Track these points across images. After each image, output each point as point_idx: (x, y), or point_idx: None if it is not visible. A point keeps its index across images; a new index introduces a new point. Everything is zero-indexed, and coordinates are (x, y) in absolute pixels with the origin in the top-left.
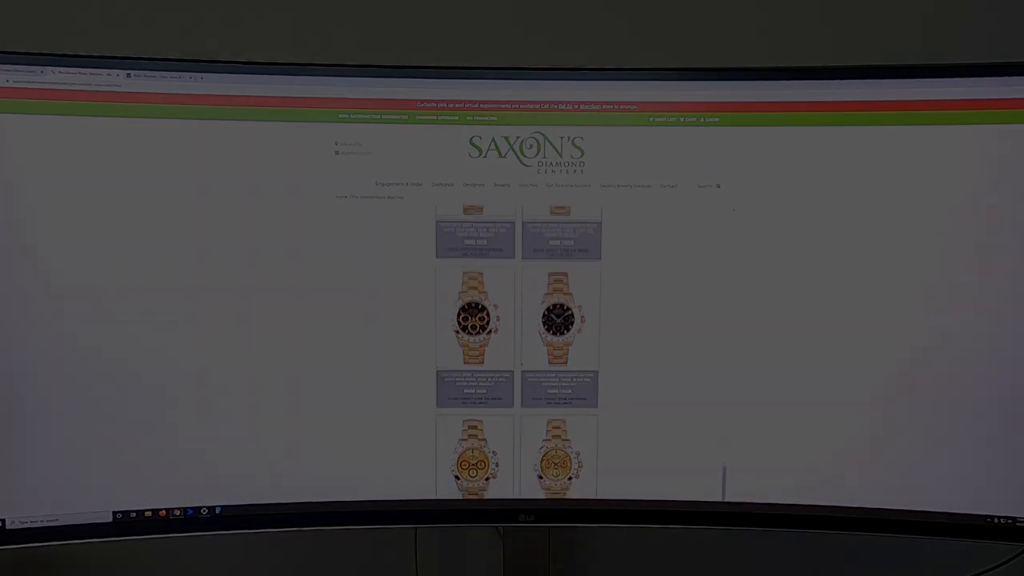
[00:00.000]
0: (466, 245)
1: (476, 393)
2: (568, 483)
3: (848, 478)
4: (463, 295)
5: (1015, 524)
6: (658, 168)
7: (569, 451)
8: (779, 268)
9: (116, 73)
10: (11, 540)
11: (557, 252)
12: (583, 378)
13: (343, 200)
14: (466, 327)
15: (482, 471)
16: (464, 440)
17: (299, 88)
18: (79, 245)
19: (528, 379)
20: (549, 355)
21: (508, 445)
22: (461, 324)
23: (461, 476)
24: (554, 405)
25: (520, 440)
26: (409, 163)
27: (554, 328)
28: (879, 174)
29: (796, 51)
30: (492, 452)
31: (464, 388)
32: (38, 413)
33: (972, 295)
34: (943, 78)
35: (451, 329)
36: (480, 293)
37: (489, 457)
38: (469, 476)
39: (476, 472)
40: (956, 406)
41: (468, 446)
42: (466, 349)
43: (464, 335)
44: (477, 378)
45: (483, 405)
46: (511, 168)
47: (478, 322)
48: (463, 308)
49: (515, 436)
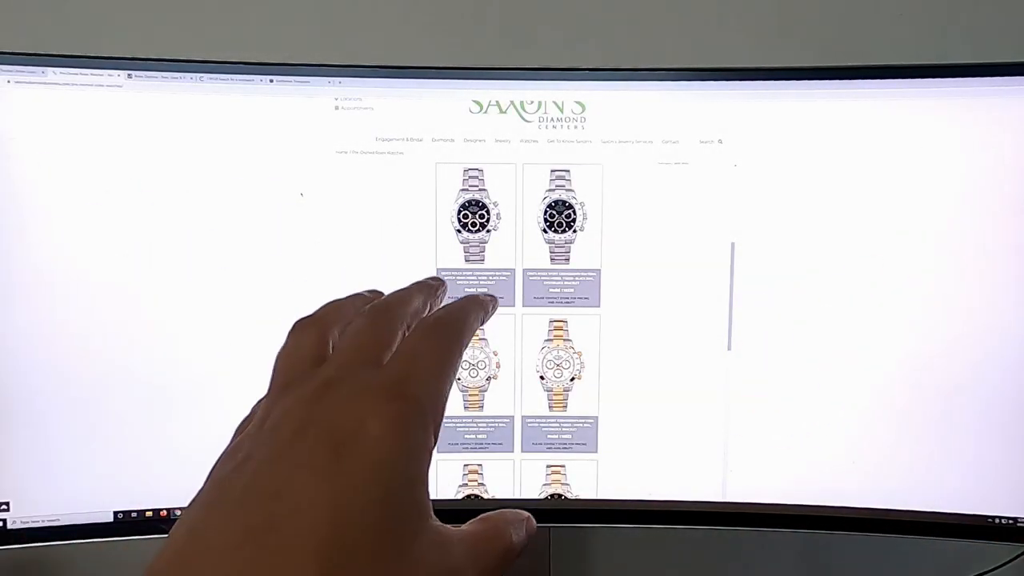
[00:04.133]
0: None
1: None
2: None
3: (848, 478)
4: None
5: (1016, 525)
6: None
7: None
8: (780, 267)
9: (117, 74)
10: (11, 540)
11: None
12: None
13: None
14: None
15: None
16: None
17: (300, 88)
18: (79, 244)
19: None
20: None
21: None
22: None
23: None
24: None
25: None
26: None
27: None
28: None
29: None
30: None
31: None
32: (38, 412)
33: (979, 291)
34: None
35: None
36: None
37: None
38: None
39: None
40: (957, 406)
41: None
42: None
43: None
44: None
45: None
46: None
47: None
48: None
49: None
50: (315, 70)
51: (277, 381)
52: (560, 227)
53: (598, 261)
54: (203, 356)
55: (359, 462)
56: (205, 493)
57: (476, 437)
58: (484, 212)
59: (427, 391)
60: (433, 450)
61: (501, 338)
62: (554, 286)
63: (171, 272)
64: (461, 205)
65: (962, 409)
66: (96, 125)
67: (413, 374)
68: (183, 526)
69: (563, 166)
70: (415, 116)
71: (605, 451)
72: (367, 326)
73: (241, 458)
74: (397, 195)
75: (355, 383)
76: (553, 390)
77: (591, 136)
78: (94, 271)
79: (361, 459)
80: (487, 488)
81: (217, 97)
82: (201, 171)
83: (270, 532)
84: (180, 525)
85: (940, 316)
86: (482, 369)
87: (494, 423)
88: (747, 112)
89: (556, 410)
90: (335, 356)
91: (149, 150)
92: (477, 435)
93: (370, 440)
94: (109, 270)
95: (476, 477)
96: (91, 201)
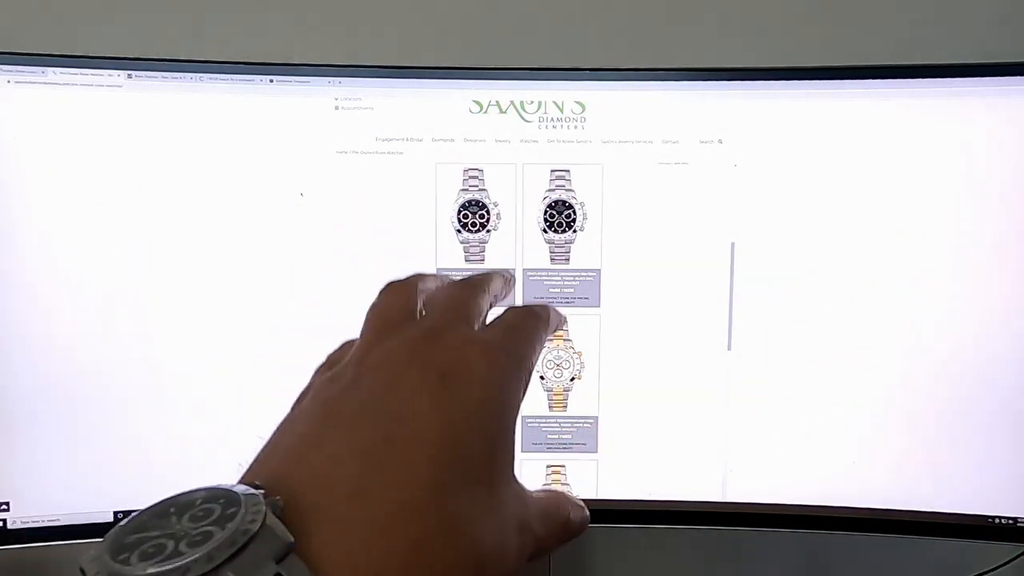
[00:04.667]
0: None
1: None
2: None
3: (848, 478)
4: None
5: (1016, 525)
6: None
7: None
8: (779, 268)
9: (117, 74)
10: (11, 540)
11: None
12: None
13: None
14: None
15: None
16: None
17: (300, 88)
18: (79, 244)
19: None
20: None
21: None
22: None
23: None
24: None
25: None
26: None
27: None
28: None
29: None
30: None
31: None
32: (39, 412)
33: (979, 292)
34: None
35: None
36: None
37: None
38: None
39: None
40: (957, 405)
41: None
42: None
43: None
44: None
45: None
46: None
47: None
48: None
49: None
50: (315, 70)
51: (372, 329)
52: (560, 227)
53: (598, 261)
54: (203, 356)
55: (466, 395)
56: (311, 410)
57: None
58: (484, 212)
59: (525, 354)
60: (522, 400)
61: None
62: (554, 286)
63: (171, 272)
64: (461, 205)
65: (962, 409)
66: (96, 125)
67: (513, 339)
68: (291, 435)
69: (563, 166)
70: (415, 116)
71: (605, 451)
72: (460, 292)
73: (347, 383)
74: (397, 195)
75: (459, 333)
76: (553, 390)
77: (591, 136)
78: (94, 271)
79: (468, 393)
80: None
81: (217, 97)
82: (201, 171)
83: (388, 446)
84: (285, 434)
85: (939, 316)
86: None
87: None
88: (747, 112)
89: (556, 410)
90: (433, 310)
91: (149, 150)
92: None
93: (477, 379)
94: (109, 270)
95: None
96: (91, 201)
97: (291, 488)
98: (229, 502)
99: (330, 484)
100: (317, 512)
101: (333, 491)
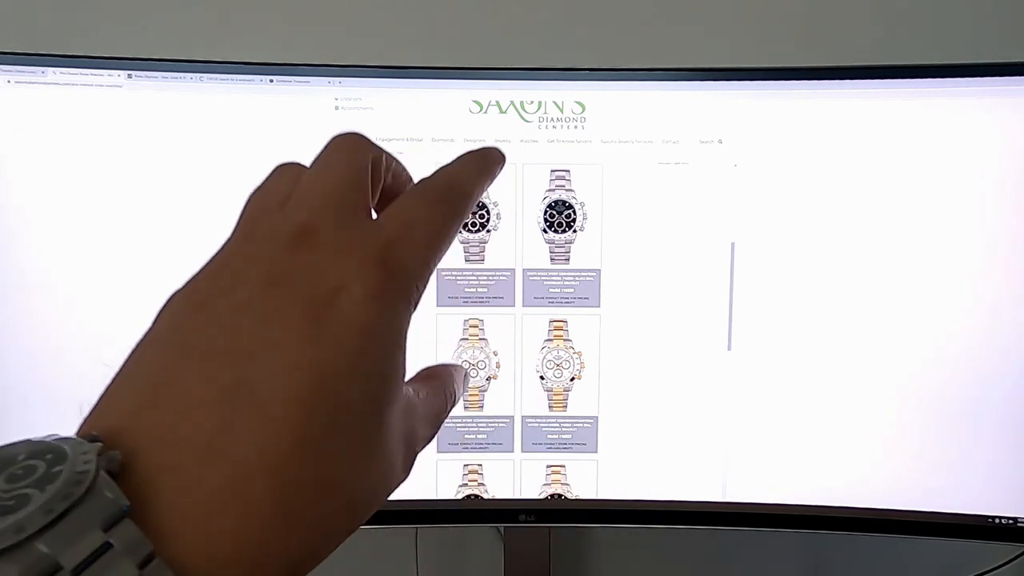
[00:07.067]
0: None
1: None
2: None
3: (848, 478)
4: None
5: (1016, 525)
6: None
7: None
8: (779, 268)
9: (117, 74)
10: None
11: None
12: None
13: None
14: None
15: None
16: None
17: (300, 88)
18: (79, 243)
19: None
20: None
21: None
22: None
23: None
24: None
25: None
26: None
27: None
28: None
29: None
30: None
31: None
32: (38, 412)
33: (979, 292)
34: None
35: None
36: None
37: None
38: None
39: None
40: (956, 406)
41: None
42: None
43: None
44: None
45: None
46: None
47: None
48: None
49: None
50: (315, 70)
51: (240, 224)
52: (560, 227)
53: (598, 261)
54: None
55: (341, 328)
56: (163, 333)
57: (476, 437)
58: (484, 212)
59: (416, 260)
60: (411, 319)
61: (501, 338)
62: (554, 286)
63: (171, 271)
64: None
65: (962, 409)
66: (96, 125)
67: (403, 239)
68: (143, 368)
69: (563, 166)
70: (415, 116)
71: (605, 451)
72: (347, 164)
73: (200, 299)
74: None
75: (337, 238)
76: (553, 390)
77: (591, 136)
78: (94, 270)
79: (343, 325)
80: (487, 488)
81: (217, 97)
82: (201, 171)
83: (246, 392)
84: (139, 365)
85: (939, 317)
86: (482, 369)
87: (494, 423)
88: (747, 112)
89: (556, 410)
90: (303, 195)
91: (149, 150)
92: (477, 435)
93: (353, 305)
94: (109, 269)
95: (476, 477)
96: (91, 200)
97: (135, 441)
98: (56, 458)
99: (178, 439)
100: (163, 473)
101: (181, 447)
